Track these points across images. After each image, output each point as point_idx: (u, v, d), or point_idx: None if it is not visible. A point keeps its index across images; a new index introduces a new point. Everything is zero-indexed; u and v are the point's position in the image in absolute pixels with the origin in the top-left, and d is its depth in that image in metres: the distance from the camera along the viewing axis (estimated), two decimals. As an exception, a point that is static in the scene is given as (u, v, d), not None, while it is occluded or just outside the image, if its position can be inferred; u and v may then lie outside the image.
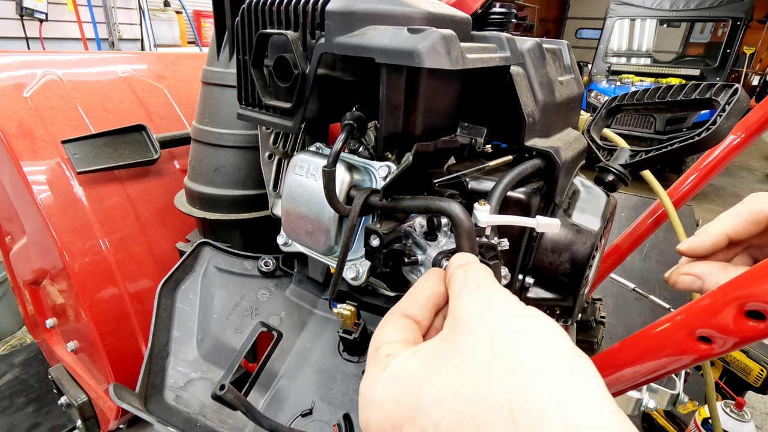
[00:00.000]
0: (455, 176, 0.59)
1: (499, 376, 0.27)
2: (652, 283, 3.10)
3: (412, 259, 0.50)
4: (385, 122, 0.53)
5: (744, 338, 0.39)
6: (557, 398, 0.25)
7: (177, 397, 0.74)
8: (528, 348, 0.28)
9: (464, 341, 0.30)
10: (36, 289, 1.40)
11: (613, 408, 0.26)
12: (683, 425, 2.14)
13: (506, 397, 0.26)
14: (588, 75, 7.73)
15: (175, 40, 5.87)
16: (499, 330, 0.30)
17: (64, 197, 1.02)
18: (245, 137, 0.87)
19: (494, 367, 0.28)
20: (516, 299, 0.33)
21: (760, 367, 2.02)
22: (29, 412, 2.11)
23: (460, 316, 0.32)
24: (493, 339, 0.29)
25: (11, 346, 2.73)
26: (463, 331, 0.31)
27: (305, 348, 0.75)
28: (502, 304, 0.32)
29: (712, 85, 0.68)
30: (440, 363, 0.30)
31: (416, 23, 0.53)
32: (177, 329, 0.80)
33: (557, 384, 0.26)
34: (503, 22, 0.85)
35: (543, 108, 0.64)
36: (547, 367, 0.27)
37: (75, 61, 1.21)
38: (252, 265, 0.86)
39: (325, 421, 0.67)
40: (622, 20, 7.53)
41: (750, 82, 8.70)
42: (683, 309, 0.45)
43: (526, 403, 0.26)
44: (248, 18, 0.59)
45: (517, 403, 0.26)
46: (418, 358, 0.32)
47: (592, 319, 1.34)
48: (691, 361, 0.44)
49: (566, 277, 0.72)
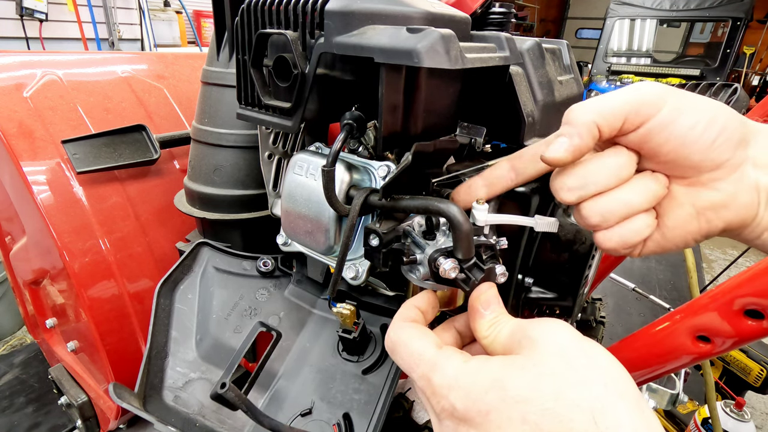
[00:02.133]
0: (455, 176, 0.59)
1: (578, 385, 0.33)
2: (652, 283, 3.10)
3: (411, 259, 0.50)
4: (385, 122, 0.53)
5: (743, 337, 0.39)
6: (627, 412, 0.32)
7: (176, 397, 0.75)
8: (595, 367, 0.35)
9: (541, 354, 0.36)
10: (36, 289, 1.41)
11: (658, 423, 0.33)
12: (683, 425, 2.14)
13: (588, 405, 0.32)
14: (588, 75, 7.74)
15: (175, 40, 5.87)
16: (569, 346, 0.36)
17: (64, 197, 1.02)
18: (245, 137, 0.87)
19: (572, 377, 0.34)
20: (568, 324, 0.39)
21: (760, 366, 2.02)
22: (29, 412, 2.12)
23: (530, 336, 0.38)
24: (565, 354, 0.35)
25: (11, 346, 2.73)
26: (536, 346, 0.37)
27: (304, 348, 0.76)
28: (564, 328, 0.38)
29: (712, 84, 0.68)
30: (522, 368, 0.36)
31: (415, 23, 0.53)
32: (176, 329, 0.80)
33: (624, 401, 0.33)
34: (503, 22, 0.85)
35: (542, 108, 0.64)
36: (614, 386, 0.33)
37: (75, 61, 1.21)
38: (251, 265, 0.86)
39: (324, 421, 0.67)
40: (622, 20, 7.54)
41: (750, 82, 8.70)
42: (682, 308, 0.45)
43: (605, 411, 0.32)
44: (248, 18, 0.59)
45: (598, 409, 0.32)
46: (496, 360, 0.38)
47: (592, 318, 1.34)
48: (691, 360, 0.44)
49: (566, 277, 0.72)
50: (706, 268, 3.92)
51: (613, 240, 0.43)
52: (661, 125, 0.39)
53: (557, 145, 0.41)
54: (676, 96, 0.40)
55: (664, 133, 0.39)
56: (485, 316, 0.43)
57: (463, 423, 0.36)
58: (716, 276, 2.96)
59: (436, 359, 0.40)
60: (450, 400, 0.37)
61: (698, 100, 0.40)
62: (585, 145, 0.40)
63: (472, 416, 0.36)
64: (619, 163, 0.41)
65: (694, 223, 0.43)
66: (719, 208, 0.41)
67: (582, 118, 0.40)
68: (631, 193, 0.41)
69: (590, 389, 0.33)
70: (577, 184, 0.42)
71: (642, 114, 0.39)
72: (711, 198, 0.41)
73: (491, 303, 0.44)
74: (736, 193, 0.41)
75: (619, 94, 0.41)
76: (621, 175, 0.41)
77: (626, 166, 0.42)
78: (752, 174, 0.40)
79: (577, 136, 0.40)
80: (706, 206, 0.42)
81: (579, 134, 0.40)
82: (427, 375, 0.40)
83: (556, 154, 0.41)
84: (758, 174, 0.40)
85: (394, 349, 0.44)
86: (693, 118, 0.39)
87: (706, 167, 0.40)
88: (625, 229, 0.43)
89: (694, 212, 0.43)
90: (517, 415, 0.33)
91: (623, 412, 0.32)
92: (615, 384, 0.33)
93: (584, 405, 0.32)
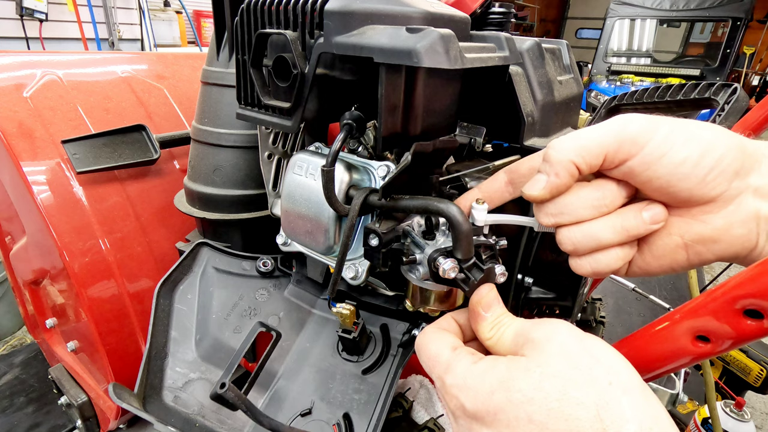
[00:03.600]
0: (455, 176, 0.59)
1: (582, 384, 0.34)
2: (652, 283, 3.10)
3: (410, 259, 0.50)
4: (384, 122, 0.53)
5: (742, 337, 0.39)
6: (631, 406, 0.33)
7: (176, 397, 0.74)
8: (598, 365, 0.35)
9: (544, 355, 0.37)
10: (36, 289, 1.41)
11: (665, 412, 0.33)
12: (683, 425, 2.14)
13: (592, 402, 0.33)
14: (588, 75, 7.73)
15: (175, 40, 5.87)
16: (572, 347, 0.36)
17: (64, 197, 1.02)
18: (245, 137, 0.87)
19: (575, 376, 0.34)
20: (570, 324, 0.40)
21: (760, 366, 2.02)
22: (29, 412, 2.12)
23: (533, 338, 0.39)
24: (568, 354, 0.36)
25: (11, 346, 2.73)
26: (539, 348, 0.37)
27: (304, 348, 0.76)
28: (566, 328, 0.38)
29: (711, 84, 0.68)
30: (526, 369, 0.36)
31: (415, 23, 0.53)
32: (175, 330, 0.80)
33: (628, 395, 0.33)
34: (502, 21, 0.85)
35: (542, 107, 0.64)
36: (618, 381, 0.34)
37: (75, 61, 1.21)
38: (250, 265, 0.86)
39: (324, 421, 0.67)
40: (622, 20, 7.53)
41: (750, 82, 8.70)
42: (681, 308, 0.45)
43: (609, 407, 0.32)
44: (247, 18, 0.59)
45: (602, 406, 0.32)
46: (503, 362, 0.38)
47: (591, 318, 1.34)
48: (690, 360, 0.44)
49: (566, 277, 0.72)
50: (706, 268, 3.92)
51: (585, 267, 0.44)
52: (644, 163, 0.38)
53: (536, 183, 0.42)
54: (666, 129, 0.38)
55: (649, 171, 0.38)
56: (487, 319, 0.44)
57: (475, 421, 0.38)
58: (716, 276, 2.96)
59: (449, 361, 0.41)
60: (460, 400, 0.39)
61: (692, 132, 0.38)
62: (563, 183, 0.41)
63: (482, 415, 0.37)
64: (597, 196, 0.41)
65: (682, 253, 0.42)
66: (709, 242, 0.40)
67: (560, 156, 0.40)
68: (604, 229, 0.42)
69: (594, 387, 0.33)
70: (554, 211, 0.43)
71: (622, 152, 0.39)
72: (700, 231, 0.40)
73: (492, 305, 0.45)
74: (729, 227, 0.39)
75: (601, 129, 0.40)
76: (599, 208, 0.42)
77: (607, 198, 0.41)
78: (752, 204, 0.38)
79: (554, 175, 0.41)
80: (695, 239, 0.41)
81: (556, 173, 0.40)
82: (442, 376, 0.41)
83: (534, 192, 0.42)
84: (759, 204, 0.38)
85: (418, 352, 0.46)
86: (682, 154, 0.37)
87: (696, 201, 0.39)
88: (595, 260, 0.43)
89: (682, 243, 0.42)
90: (524, 415, 0.34)
91: (627, 406, 0.32)
92: (618, 379, 0.34)
93: (588, 402, 0.33)
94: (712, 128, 0.39)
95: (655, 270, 0.44)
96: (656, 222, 0.41)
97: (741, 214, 0.39)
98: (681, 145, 0.37)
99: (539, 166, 0.43)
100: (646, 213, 0.41)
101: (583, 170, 0.40)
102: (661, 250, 0.43)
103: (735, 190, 0.38)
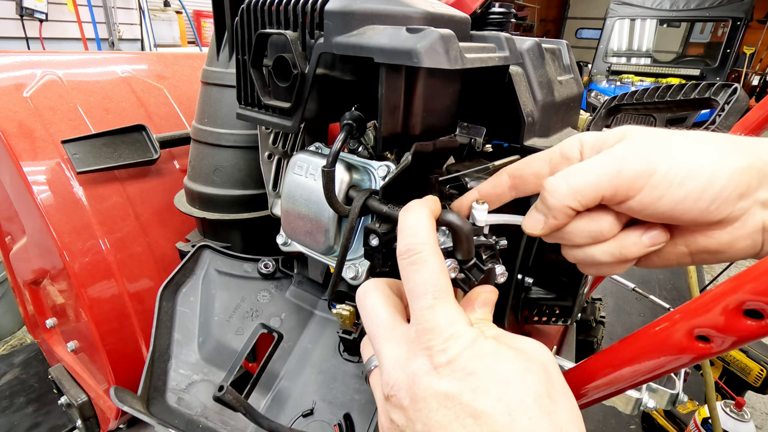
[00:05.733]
0: (455, 176, 0.59)
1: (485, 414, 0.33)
2: (652, 283, 3.10)
3: (412, 259, 0.50)
4: (384, 122, 0.53)
5: (742, 337, 0.39)
6: None
7: (179, 399, 0.75)
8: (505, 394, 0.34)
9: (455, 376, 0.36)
10: (36, 289, 1.41)
11: None
12: (683, 425, 2.14)
13: None
14: (588, 75, 7.73)
15: (175, 40, 5.87)
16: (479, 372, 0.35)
17: (64, 197, 1.02)
18: (245, 137, 0.87)
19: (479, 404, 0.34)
20: None
21: (760, 366, 2.02)
22: (29, 412, 2.12)
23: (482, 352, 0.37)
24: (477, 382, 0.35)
25: (11, 346, 2.73)
26: None
27: (306, 349, 0.76)
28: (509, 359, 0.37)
29: (711, 84, 0.68)
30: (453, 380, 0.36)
31: (415, 23, 0.53)
32: (178, 332, 0.80)
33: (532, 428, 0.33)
34: (502, 22, 0.85)
35: (542, 108, 0.64)
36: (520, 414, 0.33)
37: (75, 61, 1.21)
38: (252, 267, 0.86)
39: (326, 421, 0.67)
40: (622, 20, 7.53)
41: (750, 82, 8.69)
42: (681, 308, 0.45)
43: None
44: (247, 18, 0.59)
45: None
46: None
47: (591, 318, 1.35)
48: (690, 360, 0.44)
49: (566, 277, 0.72)
50: (706, 268, 3.92)
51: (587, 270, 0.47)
52: (642, 204, 0.38)
53: (535, 223, 0.44)
54: (665, 168, 0.37)
55: (648, 210, 0.38)
56: (476, 312, 0.44)
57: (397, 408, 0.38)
58: (716, 276, 2.97)
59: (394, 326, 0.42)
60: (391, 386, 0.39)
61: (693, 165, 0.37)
62: (560, 223, 0.42)
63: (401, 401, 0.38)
64: (595, 228, 0.42)
65: (687, 259, 0.43)
66: (714, 252, 0.41)
67: (556, 202, 0.41)
68: (603, 254, 0.42)
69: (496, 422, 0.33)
70: (553, 238, 0.45)
71: (619, 196, 0.39)
72: (705, 245, 0.40)
73: (486, 306, 0.45)
74: (734, 241, 0.39)
75: (596, 170, 0.39)
76: (597, 238, 0.42)
77: (604, 229, 0.42)
78: (758, 216, 0.38)
79: (551, 218, 0.42)
80: (700, 250, 0.41)
81: (554, 216, 0.42)
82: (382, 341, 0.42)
83: (533, 230, 0.44)
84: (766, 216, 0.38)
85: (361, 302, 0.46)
86: (682, 192, 0.37)
87: (699, 227, 0.40)
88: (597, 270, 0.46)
89: (687, 252, 0.42)
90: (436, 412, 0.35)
91: None
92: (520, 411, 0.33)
93: None
94: (716, 150, 0.37)
95: (661, 266, 0.46)
96: (656, 245, 0.41)
97: (747, 228, 0.38)
98: (680, 184, 0.37)
99: (535, 205, 0.44)
100: (645, 237, 0.41)
101: (581, 210, 0.41)
102: (666, 255, 0.44)
103: (740, 210, 0.38)
